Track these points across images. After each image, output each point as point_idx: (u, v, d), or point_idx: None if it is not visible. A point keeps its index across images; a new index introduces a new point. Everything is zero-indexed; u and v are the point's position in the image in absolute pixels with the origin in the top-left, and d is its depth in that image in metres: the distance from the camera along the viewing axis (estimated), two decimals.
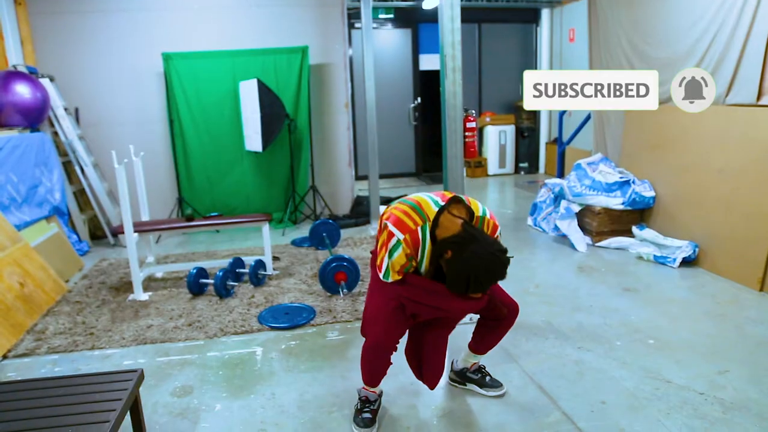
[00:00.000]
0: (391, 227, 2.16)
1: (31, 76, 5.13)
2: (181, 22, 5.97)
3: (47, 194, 4.98)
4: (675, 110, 4.65)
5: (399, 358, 2.94)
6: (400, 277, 2.22)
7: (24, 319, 3.55)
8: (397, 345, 2.34)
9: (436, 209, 2.17)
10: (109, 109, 5.97)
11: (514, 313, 2.47)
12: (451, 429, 2.37)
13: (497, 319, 2.46)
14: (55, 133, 5.50)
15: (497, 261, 2.06)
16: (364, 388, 2.45)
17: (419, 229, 2.14)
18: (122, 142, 5.73)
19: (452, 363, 2.71)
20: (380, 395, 2.49)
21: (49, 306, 3.88)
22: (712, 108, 4.20)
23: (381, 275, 2.24)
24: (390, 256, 2.17)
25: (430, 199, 2.22)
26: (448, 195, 2.23)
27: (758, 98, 3.84)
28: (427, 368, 2.43)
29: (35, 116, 5.05)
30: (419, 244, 2.16)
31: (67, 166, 5.57)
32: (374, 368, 2.38)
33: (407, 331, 2.41)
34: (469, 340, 2.62)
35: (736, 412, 2.40)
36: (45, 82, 5.30)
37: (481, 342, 2.57)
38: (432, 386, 2.48)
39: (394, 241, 2.14)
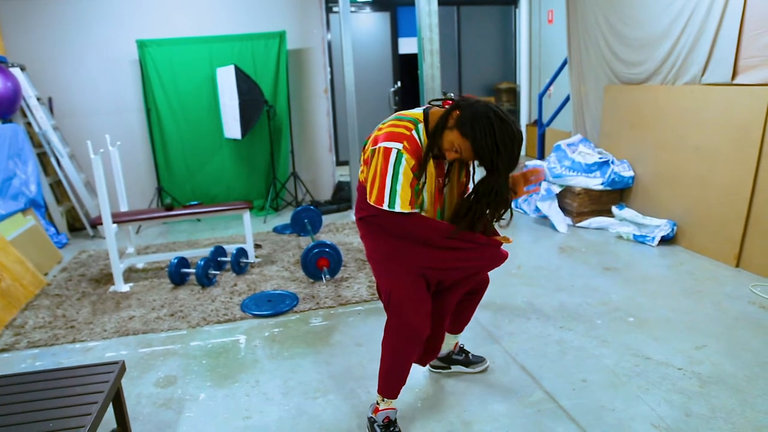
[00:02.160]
0: (384, 143, 1.92)
1: (0, 65, 5.01)
2: (155, 8, 5.87)
3: (22, 186, 4.89)
4: (652, 90, 4.71)
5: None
6: (410, 209, 1.95)
7: (2, 314, 3.50)
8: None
9: (420, 111, 2.03)
10: (83, 99, 5.87)
11: (488, 282, 2.46)
12: (435, 411, 2.40)
13: (473, 291, 2.43)
14: (29, 124, 5.40)
15: (506, 114, 1.88)
16: (381, 409, 2.20)
17: (413, 132, 1.95)
18: (98, 131, 5.66)
19: None
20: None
21: (27, 300, 3.83)
22: (688, 87, 4.25)
23: (385, 204, 1.94)
24: (395, 177, 1.91)
25: (410, 110, 2.08)
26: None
27: (733, 77, 3.88)
28: (429, 345, 2.30)
29: (6, 107, 4.95)
30: (420, 151, 1.95)
31: (42, 158, 5.47)
32: (406, 364, 2.15)
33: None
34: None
35: (713, 385, 2.45)
36: (16, 71, 5.18)
37: (458, 320, 2.56)
38: (425, 363, 2.40)
39: (393, 155, 1.90)
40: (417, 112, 2.04)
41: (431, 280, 2.15)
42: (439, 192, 2.14)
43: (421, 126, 1.99)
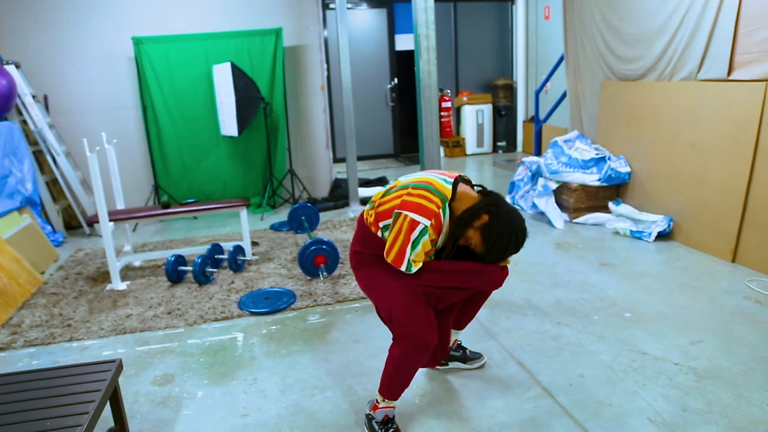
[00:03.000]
0: (413, 215, 2.01)
1: None
2: (151, 5, 5.85)
3: (18, 185, 4.88)
4: (648, 86, 4.72)
5: (370, 339, 2.96)
6: (420, 266, 2.09)
7: None
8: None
9: (449, 186, 2.10)
10: (79, 96, 5.85)
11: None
12: (433, 408, 2.40)
13: (482, 292, 2.43)
14: (24, 122, 5.38)
15: (522, 219, 2.10)
16: (380, 407, 2.23)
17: (441, 211, 2.05)
18: (94, 129, 5.65)
19: None
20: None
21: (24, 299, 3.83)
22: (685, 83, 4.26)
23: (403, 268, 2.07)
24: (414, 246, 2.03)
25: (438, 177, 2.14)
26: (448, 173, 2.19)
27: (729, 73, 3.88)
28: (436, 348, 2.32)
29: (2, 105, 4.93)
30: (442, 228, 2.08)
31: (38, 156, 5.46)
32: (411, 374, 2.18)
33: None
34: None
35: (709, 380, 2.46)
36: (11, 69, 5.16)
37: (462, 317, 2.56)
38: (435, 366, 2.50)
39: (419, 228, 2.01)
40: (446, 187, 2.10)
41: (431, 298, 2.18)
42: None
43: (447, 205, 2.08)
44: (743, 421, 2.17)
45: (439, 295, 2.18)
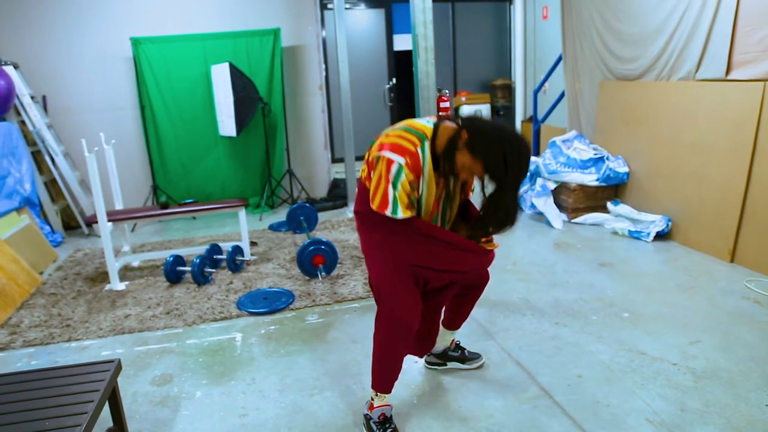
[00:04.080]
0: (388, 154, 1.95)
1: None
2: (149, 5, 5.85)
3: (17, 185, 4.87)
4: (647, 86, 4.72)
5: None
6: (411, 214, 2.01)
7: None
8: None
9: (431, 125, 2.03)
10: (77, 97, 5.84)
11: (487, 279, 2.47)
12: (431, 408, 2.40)
13: (472, 286, 2.45)
14: (23, 122, 5.38)
15: (509, 126, 1.96)
16: (376, 405, 2.22)
17: (419, 149, 1.97)
18: (92, 129, 5.65)
19: None
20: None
21: (23, 299, 3.82)
22: (683, 83, 4.26)
23: (389, 211, 1.98)
24: (395, 186, 1.95)
25: (421, 119, 2.08)
26: (434, 117, 2.13)
27: (727, 73, 3.89)
28: (423, 337, 2.35)
29: (0, 105, 4.92)
30: (420, 169, 1.99)
31: (37, 156, 5.45)
32: (397, 357, 2.17)
33: None
34: (442, 319, 2.63)
35: (707, 380, 2.47)
36: (9, 69, 5.15)
37: (456, 316, 2.57)
38: (422, 355, 2.47)
39: (395, 168, 1.94)
40: (427, 126, 2.05)
41: (419, 278, 2.17)
42: (438, 201, 2.16)
43: (427, 143, 2.00)
44: (741, 422, 2.17)
45: (427, 276, 2.16)
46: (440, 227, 2.16)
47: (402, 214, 1.99)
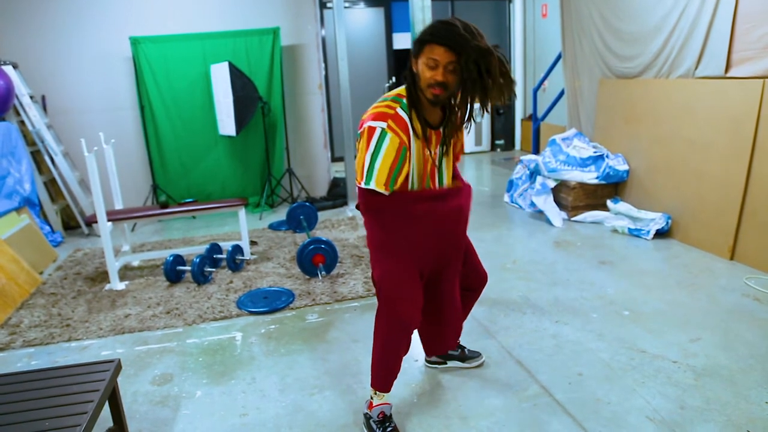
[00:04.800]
0: (369, 123, 1.94)
1: None
2: (148, 4, 5.84)
3: (16, 185, 4.87)
4: (646, 84, 4.72)
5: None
6: (384, 189, 1.95)
7: None
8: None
9: (403, 87, 2.03)
10: (77, 96, 5.84)
11: (484, 281, 2.46)
12: (431, 407, 2.40)
13: (470, 288, 2.44)
14: (22, 122, 5.37)
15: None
16: (375, 404, 2.22)
17: (398, 110, 1.97)
18: (92, 129, 5.64)
19: None
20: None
21: (23, 299, 3.82)
22: (682, 81, 4.26)
23: (363, 182, 1.96)
24: (376, 153, 1.92)
25: (390, 91, 2.08)
26: None
27: (726, 71, 3.89)
28: (448, 329, 2.33)
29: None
30: (407, 127, 1.97)
31: (36, 156, 5.45)
32: (396, 356, 2.18)
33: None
34: None
35: (708, 378, 2.47)
36: (8, 69, 5.15)
37: None
38: (430, 354, 2.49)
39: (377, 133, 1.92)
40: (400, 88, 2.05)
41: (425, 267, 2.15)
42: (436, 167, 2.12)
43: (405, 101, 2.00)
44: (742, 419, 2.17)
45: (430, 256, 2.12)
46: (415, 193, 2.09)
47: (375, 184, 1.94)
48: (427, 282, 2.23)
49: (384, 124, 1.93)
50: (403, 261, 2.10)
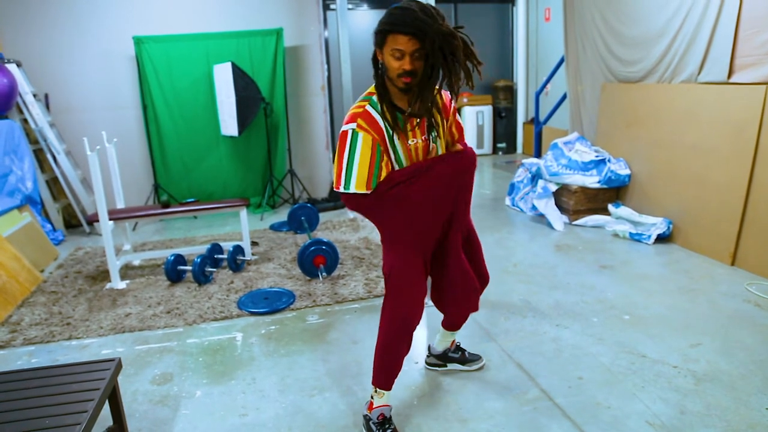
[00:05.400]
0: (342, 128, 1.96)
1: None
2: (152, 4, 5.85)
3: (18, 183, 4.88)
4: (649, 88, 4.72)
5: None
6: (365, 189, 1.93)
7: None
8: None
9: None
10: (80, 95, 5.85)
11: (485, 281, 2.44)
12: (431, 409, 2.40)
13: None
14: (25, 121, 5.38)
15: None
16: (375, 405, 2.23)
17: (367, 107, 1.96)
18: (95, 128, 5.65)
19: (429, 348, 2.73)
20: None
21: (23, 297, 3.82)
22: (685, 86, 4.26)
23: (341, 187, 1.95)
24: (351, 155, 1.91)
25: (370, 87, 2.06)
26: None
27: (729, 76, 3.89)
28: (461, 291, 2.27)
29: (2, 103, 4.93)
30: (377, 124, 1.95)
31: (39, 154, 5.46)
32: (397, 352, 2.17)
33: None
34: (442, 320, 2.62)
35: (708, 383, 2.46)
36: (12, 67, 5.16)
37: (457, 317, 2.55)
38: (476, 307, 2.37)
39: (349, 136, 1.92)
40: (371, 87, 2.04)
41: (428, 246, 2.12)
42: (428, 153, 2.09)
43: (375, 98, 1.99)
44: (742, 425, 2.17)
45: (430, 228, 2.08)
46: (410, 165, 2.04)
47: (355, 187, 1.93)
48: (432, 258, 2.20)
49: (353, 125, 1.93)
50: (406, 252, 2.09)
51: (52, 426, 1.66)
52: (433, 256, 2.22)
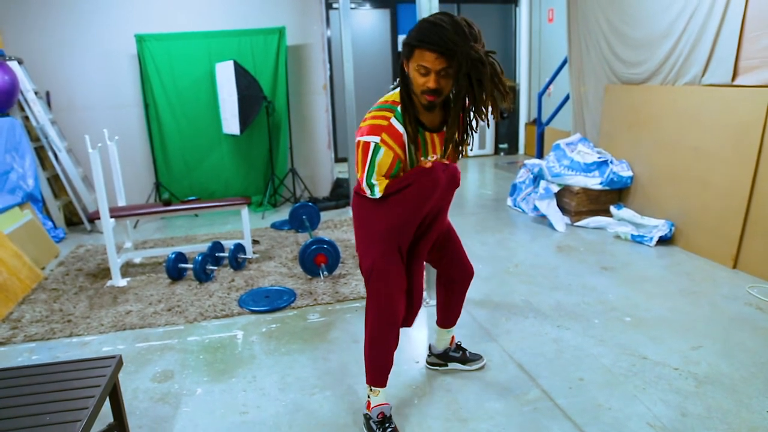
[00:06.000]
0: (364, 138, 1.93)
1: None
2: (154, 2, 5.85)
3: (20, 180, 4.88)
4: (652, 90, 4.72)
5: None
6: (384, 187, 2.00)
7: None
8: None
9: (398, 91, 1.99)
10: (81, 93, 5.85)
11: (468, 274, 2.45)
12: (431, 408, 2.40)
13: (452, 280, 2.44)
14: (26, 118, 5.38)
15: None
16: (373, 403, 2.23)
17: (392, 120, 1.95)
18: (96, 126, 5.65)
19: (429, 348, 2.73)
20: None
21: (24, 294, 3.82)
22: (689, 88, 4.26)
23: (368, 194, 2.02)
24: (372, 167, 1.95)
25: (390, 90, 2.06)
26: None
27: (733, 78, 3.88)
28: (415, 302, 2.29)
29: (4, 100, 4.93)
30: (400, 138, 1.96)
31: (40, 152, 5.45)
32: (387, 346, 2.18)
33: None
34: (436, 320, 2.64)
35: (709, 386, 2.46)
36: (13, 64, 5.16)
37: (448, 313, 2.57)
38: (410, 324, 2.35)
39: (372, 148, 1.92)
40: (395, 93, 2.02)
41: (404, 242, 2.13)
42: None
43: (399, 108, 1.97)
44: (743, 428, 2.17)
45: (412, 223, 2.10)
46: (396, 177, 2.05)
47: (379, 193, 2.01)
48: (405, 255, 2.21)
49: (377, 139, 1.92)
50: (384, 248, 2.09)
51: (53, 423, 1.66)
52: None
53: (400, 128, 1.96)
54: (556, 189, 5.07)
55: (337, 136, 8.20)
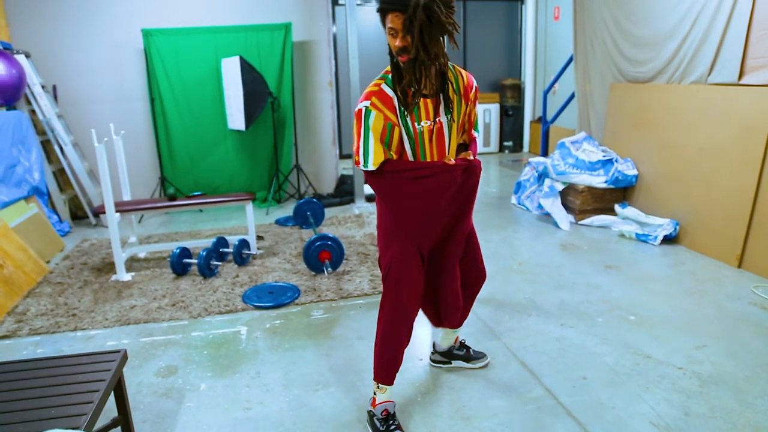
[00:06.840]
0: (358, 106, 2.00)
1: (5, 52, 5.00)
2: None
3: (26, 174, 4.90)
4: (658, 89, 4.70)
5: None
6: (383, 158, 1.99)
7: (4, 301, 3.51)
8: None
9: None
10: (88, 87, 5.86)
11: (482, 278, 2.45)
12: (435, 406, 2.40)
13: (468, 284, 2.43)
14: (33, 112, 5.40)
15: None
16: (378, 400, 2.24)
17: (383, 86, 1.99)
18: (102, 120, 5.66)
19: (434, 345, 2.73)
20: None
21: (29, 287, 3.84)
22: (695, 87, 4.24)
23: (361, 164, 2.01)
24: (366, 133, 1.97)
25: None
26: None
27: (740, 78, 3.86)
28: (445, 308, 2.35)
29: (11, 94, 4.94)
30: (391, 102, 1.98)
31: (46, 146, 5.47)
32: (398, 344, 2.19)
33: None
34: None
35: (713, 385, 2.45)
36: (20, 58, 5.17)
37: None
38: (457, 324, 2.48)
39: (363, 113, 1.97)
40: (389, 66, 2.06)
41: (425, 246, 2.14)
42: (432, 138, 2.07)
43: (390, 76, 2.01)
44: (747, 427, 2.16)
45: (432, 231, 2.11)
46: (415, 161, 2.07)
47: (372, 165, 1.99)
48: (428, 260, 2.23)
49: (368, 103, 1.97)
50: (403, 245, 2.11)
51: (58, 416, 1.67)
52: (430, 263, 2.24)
53: (390, 92, 2.00)
54: (560, 187, 5.05)
55: (342, 132, 8.19)
